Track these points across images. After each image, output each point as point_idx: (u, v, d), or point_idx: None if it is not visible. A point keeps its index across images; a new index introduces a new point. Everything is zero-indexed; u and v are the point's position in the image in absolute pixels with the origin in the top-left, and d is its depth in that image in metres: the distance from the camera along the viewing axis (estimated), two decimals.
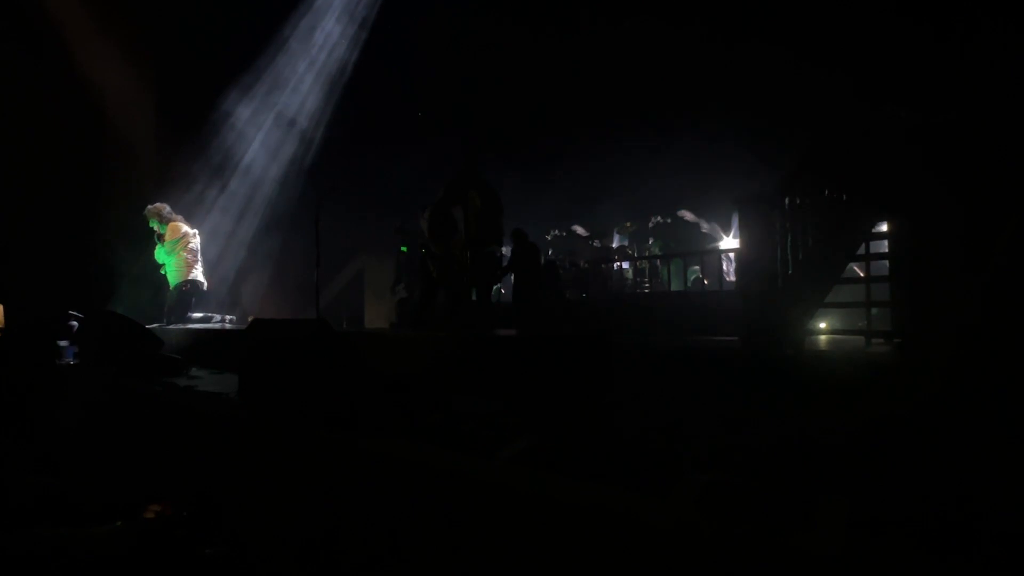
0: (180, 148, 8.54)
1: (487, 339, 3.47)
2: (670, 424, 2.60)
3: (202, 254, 7.14)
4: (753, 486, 1.66)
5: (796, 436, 2.32)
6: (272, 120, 9.72)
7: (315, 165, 10.12)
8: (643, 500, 1.61)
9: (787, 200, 5.11)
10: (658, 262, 9.19)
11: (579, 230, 10.49)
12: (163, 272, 6.98)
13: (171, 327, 6.40)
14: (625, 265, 9.39)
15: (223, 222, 9.04)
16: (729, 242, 10.04)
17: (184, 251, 6.87)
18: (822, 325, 6.29)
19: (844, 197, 5.26)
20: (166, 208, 6.97)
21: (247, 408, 3.11)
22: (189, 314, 6.82)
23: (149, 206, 6.93)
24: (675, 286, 8.98)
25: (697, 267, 8.56)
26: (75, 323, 5.00)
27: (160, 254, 6.93)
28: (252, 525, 2.34)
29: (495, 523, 1.77)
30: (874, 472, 1.80)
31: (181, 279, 6.85)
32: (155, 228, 6.89)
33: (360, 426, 2.56)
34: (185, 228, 6.94)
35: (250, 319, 4.75)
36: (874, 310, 5.47)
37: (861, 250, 5.44)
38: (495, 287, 5.34)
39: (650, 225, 9.85)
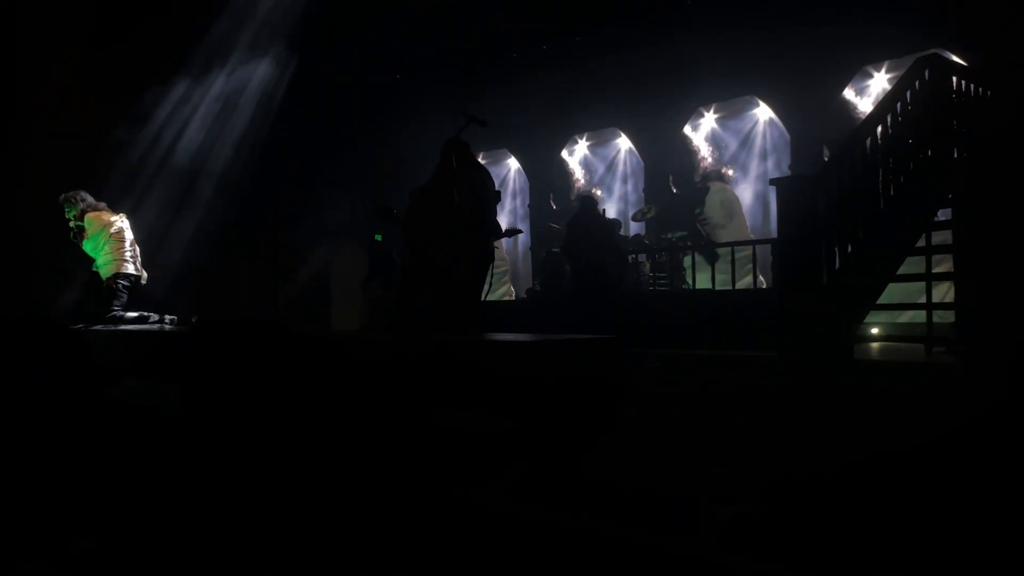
0: (112, 115, 8.49)
1: (477, 344, 3.47)
2: (692, 447, 2.61)
3: (136, 241, 7.10)
4: (786, 520, 1.67)
5: (840, 463, 2.33)
6: (223, 83, 9.69)
7: (274, 137, 10.08)
8: (660, 537, 1.61)
9: (835, 182, 5.12)
10: (680, 255, 9.22)
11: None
12: (95, 268, 6.94)
13: (99, 328, 6.38)
14: (641, 258, 9.40)
15: (163, 204, 9.01)
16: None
17: (110, 242, 6.84)
18: (874, 330, 6.30)
19: (902, 179, 5.27)
20: (84, 196, 6.90)
21: (190, 425, 3.10)
22: (122, 313, 6.79)
23: (66, 194, 6.89)
24: (701, 283, 8.99)
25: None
26: None
27: (88, 249, 6.90)
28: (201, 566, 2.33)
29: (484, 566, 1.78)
30: (931, 507, 1.81)
31: (113, 273, 6.82)
32: (71, 222, 6.84)
33: (324, 447, 2.56)
34: (106, 217, 6.89)
35: (194, 320, 4.74)
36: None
37: (921, 242, 5.46)
38: (487, 284, 5.32)
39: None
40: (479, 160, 5.29)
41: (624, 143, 12.35)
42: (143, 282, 7.06)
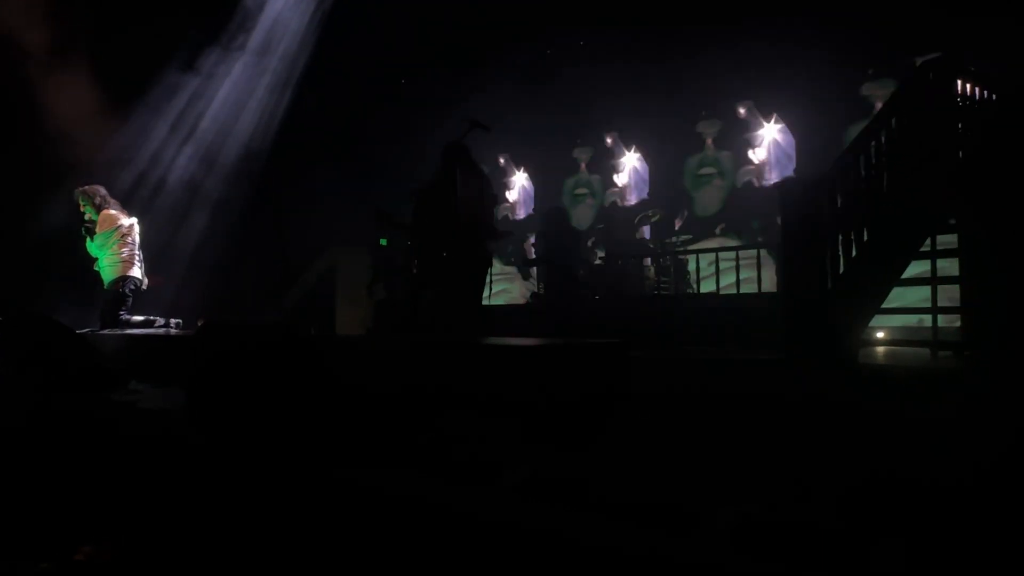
0: (116, 113, 8.50)
1: (480, 347, 3.48)
2: (696, 448, 2.61)
3: (142, 246, 7.11)
4: (793, 521, 1.67)
5: (848, 462, 2.33)
6: (228, 86, 9.73)
7: (278, 141, 10.12)
8: (668, 538, 1.62)
9: (839, 185, 5.12)
10: (687, 259, 9.24)
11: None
12: (96, 268, 6.94)
13: (106, 332, 6.40)
14: (646, 262, 9.41)
15: (168, 207, 9.04)
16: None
17: (120, 245, 6.82)
18: (880, 334, 6.29)
19: (907, 181, 5.27)
20: (101, 191, 6.88)
21: (196, 429, 3.11)
22: (127, 317, 6.80)
23: (82, 187, 6.85)
24: (705, 288, 8.99)
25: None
26: None
27: (92, 247, 6.88)
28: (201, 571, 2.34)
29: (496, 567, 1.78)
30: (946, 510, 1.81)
31: (117, 276, 6.83)
32: (86, 215, 6.81)
33: (330, 450, 2.57)
34: (122, 218, 6.87)
35: (200, 323, 4.77)
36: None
37: (926, 245, 5.46)
38: (486, 287, 5.35)
39: None
40: (481, 166, 5.33)
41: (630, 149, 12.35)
42: (144, 288, 7.06)
